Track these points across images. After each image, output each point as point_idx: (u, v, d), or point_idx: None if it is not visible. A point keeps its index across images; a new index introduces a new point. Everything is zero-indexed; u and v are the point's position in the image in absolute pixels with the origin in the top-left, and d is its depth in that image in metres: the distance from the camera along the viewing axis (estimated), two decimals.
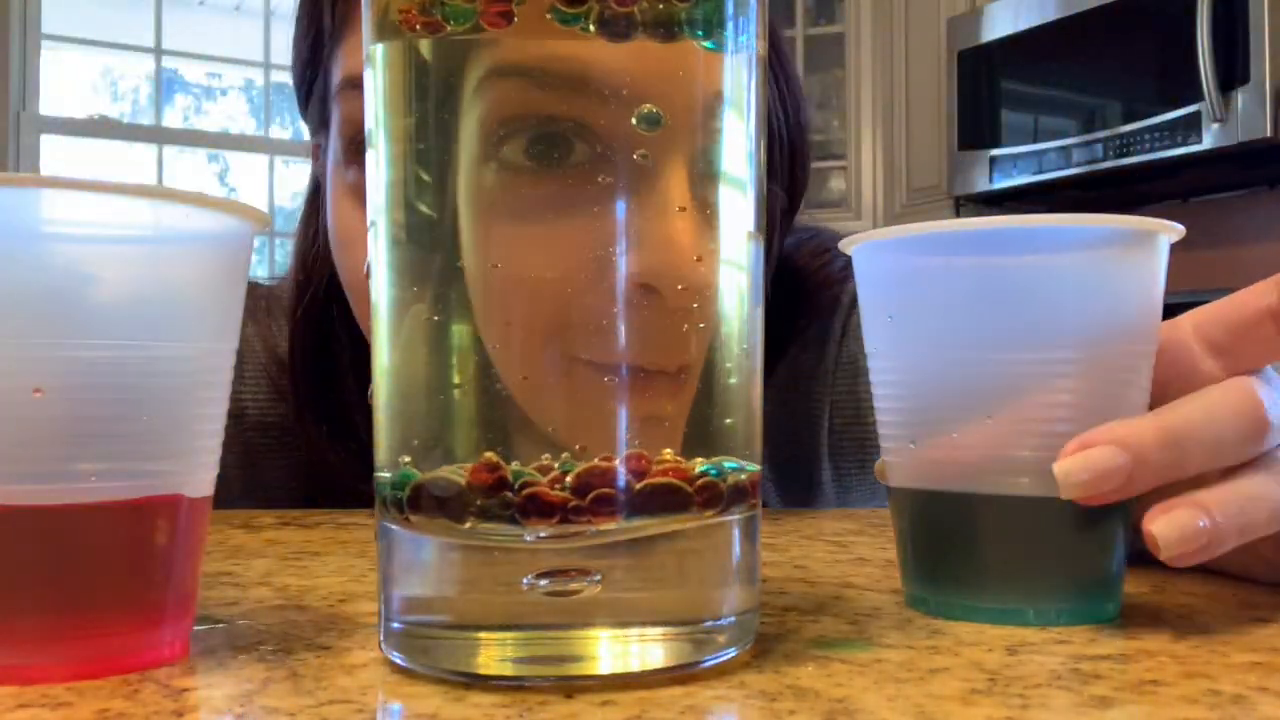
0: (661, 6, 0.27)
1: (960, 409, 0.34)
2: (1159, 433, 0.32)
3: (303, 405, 0.71)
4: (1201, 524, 0.32)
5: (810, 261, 0.75)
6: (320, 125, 0.65)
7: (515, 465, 0.27)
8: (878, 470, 0.39)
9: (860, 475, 0.73)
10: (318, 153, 0.68)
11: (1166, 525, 0.32)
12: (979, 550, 0.35)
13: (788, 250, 0.74)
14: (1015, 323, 0.33)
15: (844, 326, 0.74)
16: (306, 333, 0.71)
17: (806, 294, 0.74)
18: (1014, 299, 0.33)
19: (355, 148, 0.59)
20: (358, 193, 0.59)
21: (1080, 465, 0.32)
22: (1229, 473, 0.34)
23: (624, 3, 0.27)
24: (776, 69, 0.65)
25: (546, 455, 0.27)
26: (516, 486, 0.27)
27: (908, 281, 0.35)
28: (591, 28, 0.27)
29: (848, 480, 0.74)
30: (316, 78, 0.64)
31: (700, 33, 0.28)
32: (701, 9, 0.28)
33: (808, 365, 0.73)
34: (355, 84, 0.58)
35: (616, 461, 0.27)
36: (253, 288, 0.79)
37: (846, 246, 0.37)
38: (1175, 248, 0.36)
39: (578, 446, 0.27)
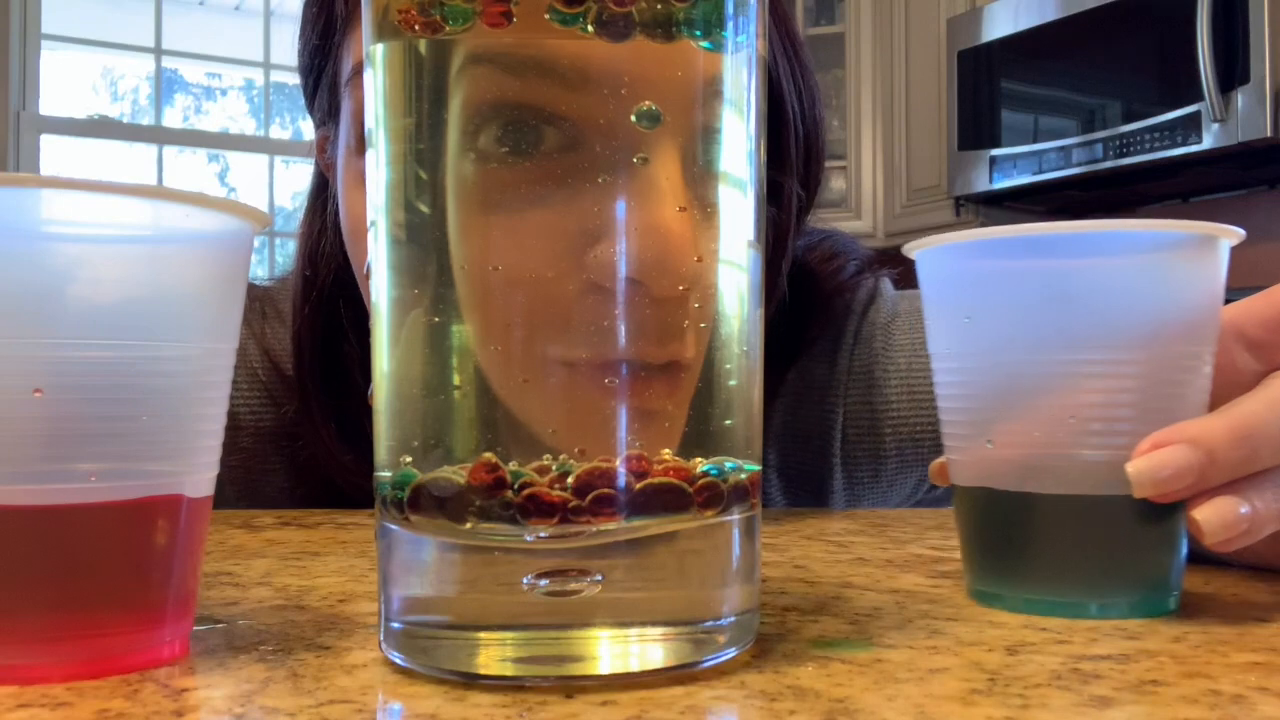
0: (660, 6, 0.27)
1: (1035, 409, 0.35)
2: (1230, 431, 0.33)
3: (310, 405, 0.70)
4: (1243, 510, 0.33)
5: (822, 266, 0.74)
6: (329, 115, 0.64)
7: (514, 466, 0.27)
8: (935, 471, 0.40)
9: (873, 484, 0.73)
10: (324, 145, 0.67)
11: (1210, 512, 0.33)
12: (1048, 547, 0.35)
13: (799, 253, 0.73)
14: (1085, 324, 0.34)
15: (856, 334, 0.73)
16: (314, 330, 0.70)
17: (819, 300, 0.73)
18: (1084, 301, 0.34)
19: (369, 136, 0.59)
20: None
21: (1154, 464, 0.33)
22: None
23: (622, 3, 0.27)
24: (794, 62, 0.65)
25: (546, 456, 0.27)
26: (516, 487, 0.27)
27: (981, 285, 0.36)
28: (590, 28, 0.27)
29: (859, 489, 0.73)
30: (325, 66, 0.63)
31: (698, 32, 0.28)
32: (700, 9, 0.28)
33: (820, 374, 0.73)
34: None
35: (617, 462, 0.27)
36: (247, 288, 0.78)
37: (911, 250, 0.38)
38: None
39: (577, 449, 0.27)
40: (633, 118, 0.27)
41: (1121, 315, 0.34)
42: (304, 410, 0.70)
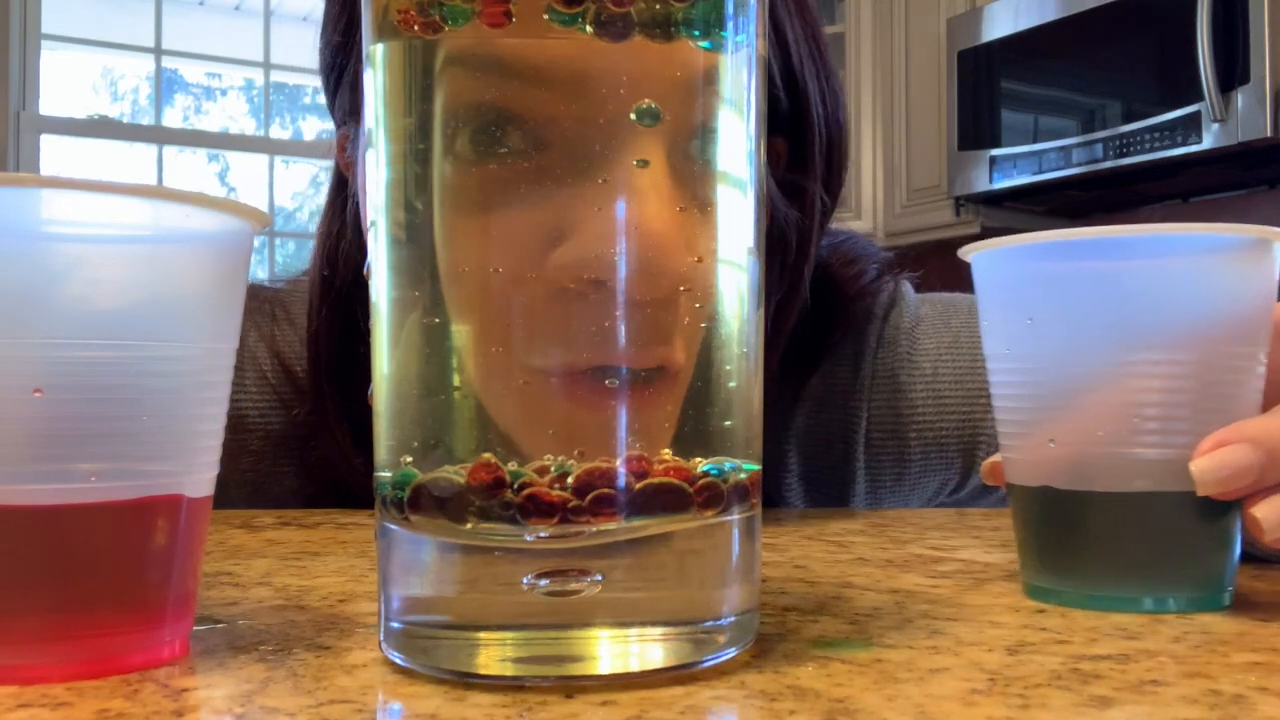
0: (658, 6, 0.27)
1: (1097, 408, 0.36)
2: None
3: (325, 407, 0.69)
4: None
5: (844, 270, 0.74)
6: (350, 114, 0.64)
7: (513, 466, 0.27)
8: (988, 470, 0.41)
9: (895, 487, 0.73)
10: (345, 144, 0.67)
11: (1269, 509, 0.34)
12: (1108, 543, 0.36)
13: (822, 255, 0.73)
14: (1144, 324, 0.35)
15: (879, 338, 0.73)
16: (331, 331, 0.69)
17: (841, 304, 0.73)
18: (1143, 301, 0.35)
19: None
20: None
21: (1216, 463, 0.34)
22: None
23: (620, 3, 0.27)
24: (819, 65, 0.64)
25: (547, 456, 0.27)
26: (516, 486, 0.27)
27: (1043, 286, 0.37)
28: (589, 28, 0.27)
29: (881, 492, 0.73)
30: (348, 64, 0.62)
31: (697, 33, 0.28)
32: (699, 9, 0.28)
33: (843, 378, 0.72)
34: None
35: (617, 462, 0.27)
36: (256, 290, 0.77)
37: (967, 253, 0.38)
38: None
39: (577, 451, 0.27)
40: (632, 116, 0.27)
41: (1178, 316, 0.35)
42: (318, 412, 0.69)
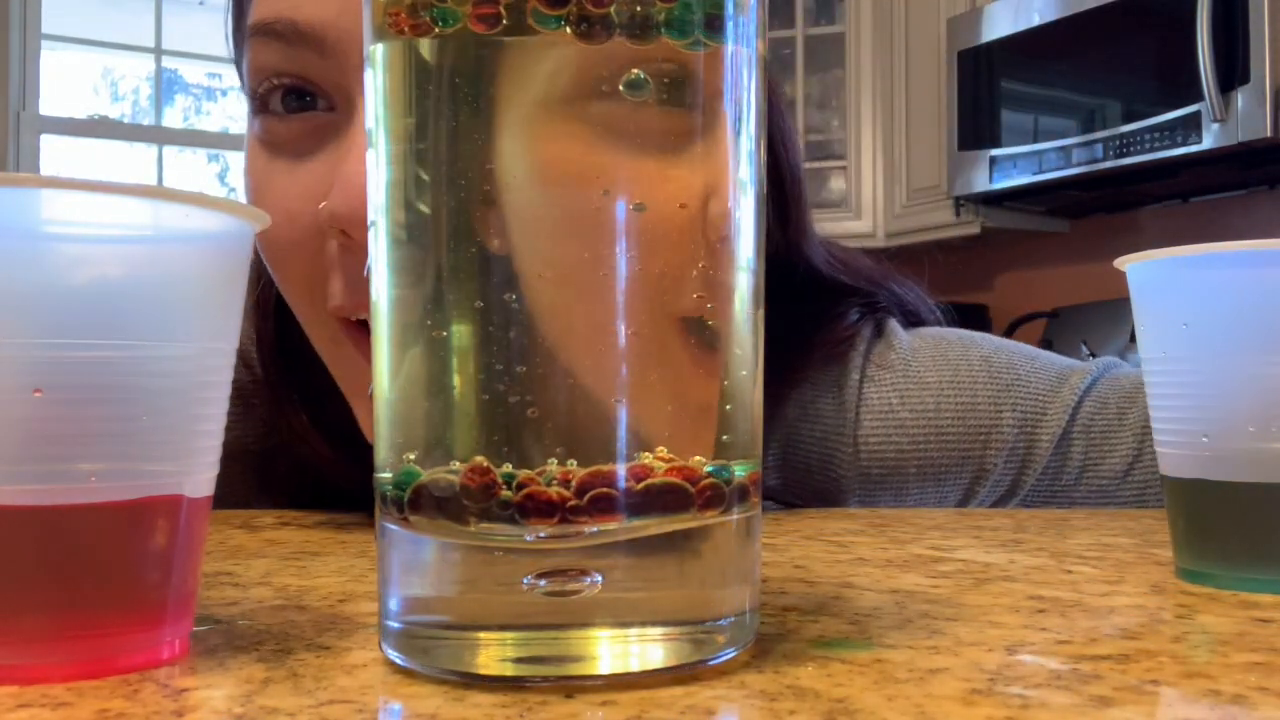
0: (639, 8, 0.27)
1: (1247, 406, 0.38)
2: None
3: (285, 402, 0.67)
4: None
5: (822, 298, 0.73)
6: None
7: (507, 468, 0.27)
8: None
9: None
10: None
11: None
12: (1261, 531, 0.39)
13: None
14: None
15: (863, 371, 0.71)
16: (269, 321, 0.67)
17: (819, 343, 0.72)
18: None
19: (261, 99, 0.56)
20: (265, 145, 0.57)
21: None
22: None
23: (601, 4, 0.27)
24: (774, 109, 0.64)
25: (553, 460, 0.27)
26: (514, 486, 0.27)
27: (1198, 293, 0.39)
28: (569, 29, 0.27)
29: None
30: (243, 45, 0.60)
31: (681, 34, 0.28)
32: (679, 10, 0.28)
33: (825, 410, 0.71)
34: (264, 30, 0.53)
35: (618, 464, 0.27)
36: None
37: (1123, 264, 0.41)
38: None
39: (574, 462, 0.27)
40: (621, 88, 0.27)
41: None
42: (276, 405, 0.67)
